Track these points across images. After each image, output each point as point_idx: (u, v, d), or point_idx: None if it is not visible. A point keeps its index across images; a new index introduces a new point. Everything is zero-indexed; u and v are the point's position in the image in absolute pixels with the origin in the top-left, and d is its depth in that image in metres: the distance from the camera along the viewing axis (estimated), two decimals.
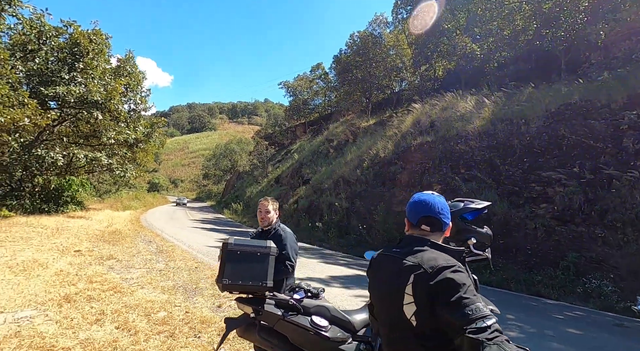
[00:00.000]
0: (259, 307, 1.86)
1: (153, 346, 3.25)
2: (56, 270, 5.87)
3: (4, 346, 3.02)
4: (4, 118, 8.05)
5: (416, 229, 1.27)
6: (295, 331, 1.83)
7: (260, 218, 2.68)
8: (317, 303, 1.95)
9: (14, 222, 10.48)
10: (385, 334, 1.22)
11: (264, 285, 1.87)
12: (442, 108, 16.30)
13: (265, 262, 1.92)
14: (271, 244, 2.00)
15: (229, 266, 1.86)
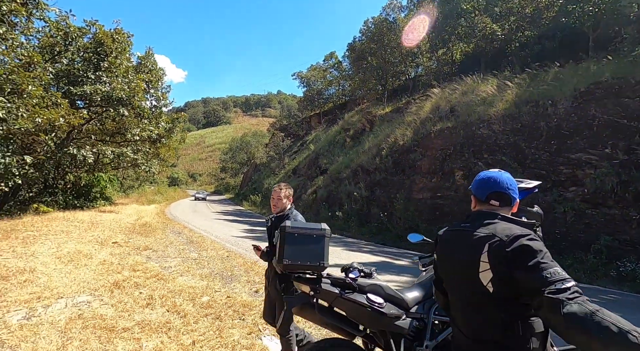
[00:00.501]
0: (317, 286, 1.97)
1: (203, 327, 3.46)
2: (100, 260, 6.23)
3: (72, 327, 3.29)
4: (41, 118, 8.49)
5: (484, 205, 1.33)
6: (352, 308, 1.94)
7: (272, 205, 2.81)
8: (371, 282, 2.04)
9: (53, 217, 11.07)
10: (461, 304, 1.28)
11: (321, 264, 1.97)
12: (462, 93, 15.92)
13: (321, 243, 2.02)
14: (326, 227, 2.10)
15: (288, 247, 1.97)
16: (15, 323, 3.36)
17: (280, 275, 2.62)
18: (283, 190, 2.80)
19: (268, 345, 3.12)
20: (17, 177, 9.32)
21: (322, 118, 40.36)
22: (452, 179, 12.63)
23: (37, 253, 6.29)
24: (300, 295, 2.05)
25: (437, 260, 1.44)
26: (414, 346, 1.98)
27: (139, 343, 3.05)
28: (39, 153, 10.17)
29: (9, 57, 8.71)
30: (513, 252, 1.09)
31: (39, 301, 3.97)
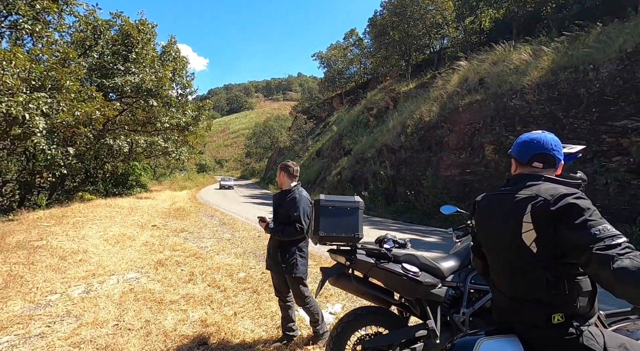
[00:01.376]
0: (352, 256, 2.03)
1: (242, 300, 3.67)
2: (142, 241, 6.67)
3: (126, 299, 3.60)
4: (80, 112, 9.01)
5: (526, 168, 1.29)
6: (388, 277, 1.99)
7: (278, 181, 2.92)
8: (405, 252, 2.08)
9: (96, 204, 11.88)
10: (503, 267, 1.28)
11: (356, 236, 2.02)
12: (492, 63, 15.05)
13: (355, 215, 2.07)
14: (359, 199, 2.13)
15: (323, 220, 2.03)
16: (77, 296, 3.72)
17: (280, 247, 2.74)
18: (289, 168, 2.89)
19: (304, 315, 3.27)
20: (62, 168, 10.03)
21: (343, 98, 39.71)
22: (482, 154, 12.18)
23: (87, 236, 6.82)
24: (335, 265, 2.12)
25: (475, 226, 1.43)
26: (451, 313, 2.01)
27: (186, 313, 3.30)
28: (80, 144, 10.84)
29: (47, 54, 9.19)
30: (559, 210, 1.07)
31: (94, 278, 4.35)
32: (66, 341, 2.73)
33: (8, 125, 8.01)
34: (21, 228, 7.30)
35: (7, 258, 4.86)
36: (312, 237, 2.18)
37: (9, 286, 3.88)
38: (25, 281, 4.06)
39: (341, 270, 2.11)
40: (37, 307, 3.42)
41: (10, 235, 6.47)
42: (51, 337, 2.79)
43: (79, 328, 2.95)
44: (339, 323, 2.07)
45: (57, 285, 4.03)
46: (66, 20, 10.85)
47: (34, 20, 9.23)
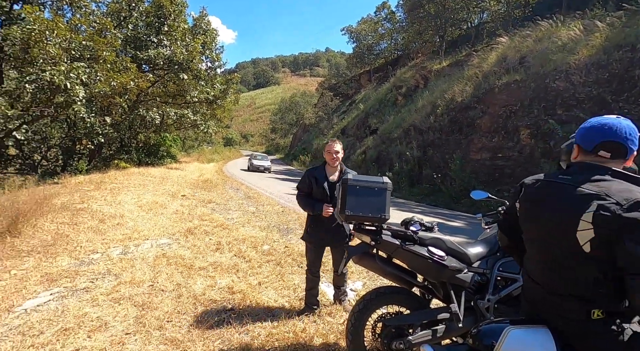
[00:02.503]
0: (377, 237, 2.03)
1: (266, 271, 3.82)
2: (173, 209, 7.01)
3: (159, 263, 3.86)
4: (116, 82, 9.34)
5: (590, 156, 1.18)
6: (412, 259, 1.99)
7: (329, 159, 2.85)
8: (432, 236, 2.06)
9: (130, 172, 12.51)
10: (544, 259, 1.22)
11: (382, 216, 2.02)
12: (535, 40, 13.95)
13: (383, 196, 2.05)
14: (387, 180, 2.11)
15: (351, 199, 2.03)
16: (116, 256, 4.02)
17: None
18: (338, 144, 2.89)
19: (326, 290, 3.37)
20: (100, 136, 10.57)
21: (372, 75, 38.49)
22: (517, 138, 11.60)
23: (122, 202, 7.26)
24: (360, 245, 2.15)
25: (520, 211, 1.33)
26: (475, 299, 2.01)
27: (214, 280, 3.49)
28: (115, 114, 11.32)
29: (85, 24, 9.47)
30: (632, 220, 0.96)
31: (130, 241, 4.67)
32: (107, 296, 2.99)
33: (52, 93, 8.45)
34: (65, 191, 7.86)
35: (54, 218, 5.28)
36: (338, 215, 2.20)
37: (57, 244, 4.25)
38: (70, 240, 4.42)
39: (365, 249, 2.13)
40: (81, 264, 3.74)
41: (56, 197, 6.98)
42: (94, 292, 3.06)
43: (118, 285, 3.21)
44: (361, 300, 2.11)
45: (98, 245, 4.36)
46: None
47: None
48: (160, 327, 2.56)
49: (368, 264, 2.23)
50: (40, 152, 14.67)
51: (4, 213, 4.42)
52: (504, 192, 11.16)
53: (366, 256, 2.17)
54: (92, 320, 2.59)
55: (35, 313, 2.65)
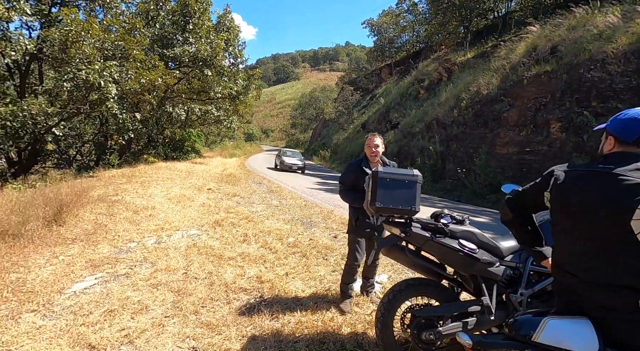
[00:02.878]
0: (407, 229, 2.06)
1: (292, 263, 3.92)
2: (200, 202, 7.27)
3: (190, 252, 4.04)
4: (145, 79, 9.72)
5: (631, 147, 1.19)
6: (443, 252, 2.00)
7: (369, 153, 2.86)
8: (463, 228, 2.06)
9: (158, 166, 13.00)
10: (586, 248, 1.21)
11: (412, 209, 2.04)
12: (569, 28, 13.26)
13: (414, 188, 2.07)
14: (417, 173, 2.13)
15: (381, 191, 2.06)
16: (150, 245, 4.24)
17: None
18: (379, 138, 2.93)
19: None
20: (130, 132, 11.06)
21: (393, 69, 37.83)
22: (547, 132, 11.15)
23: (153, 194, 7.58)
24: (389, 237, 2.18)
25: (553, 200, 1.32)
26: (507, 293, 2.00)
27: (243, 269, 3.62)
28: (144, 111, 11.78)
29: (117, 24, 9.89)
30: None
31: (163, 231, 4.90)
32: (146, 282, 3.17)
33: (87, 91, 8.91)
34: (100, 184, 8.30)
35: (92, 209, 5.61)
36: (367, 208, 2.23)
37: (97, 232, 4.53)
38: (108, 229, 4.70)
39: (395, 241, 2.16)
40: (120, 252, 3.98)
41: (92, 189, 7.38)
42: (134, 277, 3.26)
43: (155, 272, 3.40)
44: (391, 291, 2.15)
45: (134, 235, 4.61)
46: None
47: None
48: (196, 312, 2.71)
49: (397, 256, 2.26)
50: (75, 147, 15.50)
51: (50, 204, 4.75)
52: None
53: (395, 248, 2.21)
54: (134, 303, 2.77)
55: (83, 295, 2.86)
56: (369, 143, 2.91)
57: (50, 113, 9.31)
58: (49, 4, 9.98)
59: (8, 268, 3.18)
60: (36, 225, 4.13)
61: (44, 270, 3.26)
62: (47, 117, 9.37)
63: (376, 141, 2.89)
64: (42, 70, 11.53)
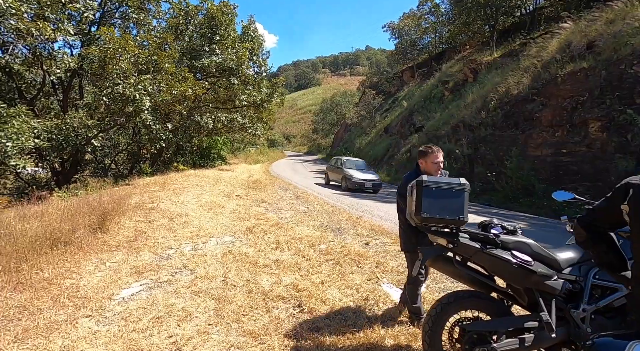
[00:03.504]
0: (455, 239, 2.00)
1: (327, 270, 3.91)
2: (230, 209, 7.42)
3: (226, 260, 4.13)
4: (176, 91, 10.15)
5: None
6: (494, 263, 1.92)
7: (435, 170, 2.72)
8: (516, 239, 1.98)
9: (188, 173, 13.44)
10: None
11: (460, 219, 1.98)
12: (606, 22, 12.58)
13: (461, 198, 2.01)
14: (465, 182, 2.06)
15: (426, 201, 2.02)
16: (188, 253, 4.37)
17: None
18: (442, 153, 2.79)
19: (388, 291, 3.37)
20: (162, 141, 11.53)
21: (415, 71, 37.31)
22: (585, 132, 10.59)
23: (185, 201, 7.83)
24: (435, 247, 2.12)
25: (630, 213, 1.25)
26: (568, 308, 1.89)
27: (279, 277, 3.65)
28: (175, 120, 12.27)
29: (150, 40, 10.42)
30: None
31: (198, 238, 5.04)
32: (188, 289, 3.27)
33: (123, 104, 9.39)
34: (136, 192, 8.68)
35: (131, 216, 5.87)
36: (412, 218, 2.19)
37: (138, 240, 4.73)
38: (148, 237, 4.89)
39: (440, 251, 2.11)
40: (160, 258, 4.12)
41: (129, 197, 7.73)
42: (176, 285, 3.36)
43: (195, 279, 3.49)
44: (438, 303, 2.09)
45: (171, 242, 4.77)
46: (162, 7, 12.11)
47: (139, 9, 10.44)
48: (238, 320, 2.75)
49: (442, 267, 2.20)
50: (110, 157, 16.34)
51: (94, 212, 5.01)
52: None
53: (441, 259, 2.15)
54: (179, 310, 2.85)
55: (131, 302, 2.99)
56: (435, 159, 2.73)
57: (90, 126, 9.90)
58: (88, 24, 10.65)
59: (63, 275, 3.38)
60: (84, 232, 4.37)
61: (94, 277, 3.44)
62: (87, 129, 9.96)
63: (441, 157, 2.77)
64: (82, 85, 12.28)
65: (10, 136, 6.92)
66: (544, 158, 11.53)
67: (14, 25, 7.80)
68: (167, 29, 13.30)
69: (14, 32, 8.08)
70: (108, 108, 9.87)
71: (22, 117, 7.63)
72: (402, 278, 3.71)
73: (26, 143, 7.22)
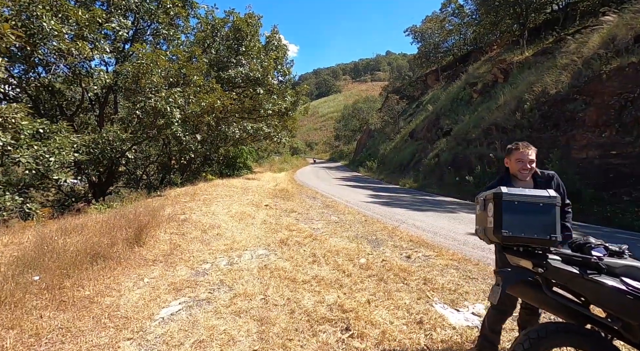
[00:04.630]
0: (544, 262, 1.70)
1: (371, 287, 3.63)
2: (261, 219, 7.31)
3: (263, 275, 3.95)
4: (205, 102, 10.32)
5: None
6: (599, 292, 1.61)
7: (519, 169, 2.25)
8: (625, 263, 1.65)
9: (216, 183, 13.58)
10: None
11: (553, 238, 1.68)
12: None
13: (552, 213, 1.72)
14: (554, 194, 1.76)
15: (508, 217, 1.74)
16: (224, 267, 4.23)
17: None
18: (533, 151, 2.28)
19: (443, 313, 3.05)
20: (191, 152, 11.73)
21: (439, 74, 36.53)
22: (637, 132, 9.74)
23: (215, 212, 7.80)
24: (518, 270, 1.83)
25: None
26: None
27: (321, 295, 3.42)
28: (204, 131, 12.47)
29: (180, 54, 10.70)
30: None
31: (232, 251, 4.91)
32: (228, 308, 3.10)
33: (154, 117, 9.62)
34: (168, 203, 8.78)
35: (166, 229, 5.86)
36: (486, 236, 1.91)
37: (173, 253, 4.66)
38: (183, 250, 4.82)
39: (525, 276, 1.80)
40: (197, 274, 4.01)
41: (162, 209, 7.80)
42: (215, 303, 3.21)
43: (235, 297, 3.33)
44: (526, 338, 1.78)
45: (206, 256, 4.67)
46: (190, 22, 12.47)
47: (169, 25, 10.78)
48: (284, 346, 2.54)
49: (525, 292, 1.89)
50: (142, 168, 16.87)
51: (132, 225, 5.02)
52: (622, 195, 9.46)
53: (524, 284, 1.84)
54: (220, 333, 2.68)
55: (171, 323, 2.85)
56: (521, 157, 2.24)
57: (124, 139, 10.20)
58: (122, 42, 11.09)
59: (103, 292, 3.32)
60: (122, 246, 4.35)
61: (133, 294, 3.35)
62: (122, 142, 10.27)
63: (531, 155, 2.24)
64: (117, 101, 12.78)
65: (52, 151, 7.19)
66: (590, 160, 10.71)
67: (56, 46, 8.19)
68: (195, 43, 13.67)
69: (56, 53, 8.49)
70: (141, 122, 10.14)
71: (63, 132, 7.94)
72: (455, 298, 3.37)
73: (67, 157, 7.48)
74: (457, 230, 6.81)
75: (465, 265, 4.40)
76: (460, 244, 5.69)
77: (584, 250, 1.72)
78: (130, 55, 11.21)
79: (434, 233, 6.53)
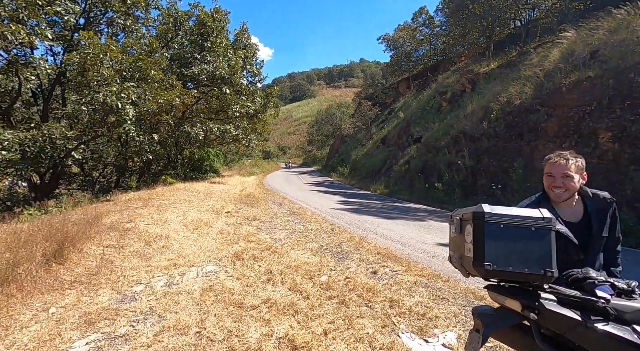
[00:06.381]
0: (537, 304, 1.30)
1: (330, 313, 3.15)
2: (218, 229, 6.65)
3: (206, 299, 3.35)
4: (163, 99, 9.48)
5: None
6: (607, 345, 1.22)
7: (549, 186, 1.72)
8: (636, 305, 1.27)
9: (176, 187, 12.63)
10: None
11: (547, 273, 1.27)
12: (609, 31, 12.33)
13: (545, 239, 1.31)
14: (549, 214, 1.36)
15: (491, 244, 1.32)
16: (160, 289, 3.59)
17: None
18: (572, 162, 1.66)
19: (411, 346, 2.62)
20: (148, 153, 10.78)
21: (411, 82, 37.31)
22: (595, 143, 10.07)
23: (168, 220, 7.04)
24: (504, 313, 1.41)
25: None
26: None
27: (270, 325, 2.89)
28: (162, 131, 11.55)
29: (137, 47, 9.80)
30: None
31: (175, 269, 4.26)
32: (148, 348, 2.49)
33: (105, 114, 8.67)
34: (115, 209, 7.87)
35: (102, 240, 5.07)
36: (462, 267, 1.48)
37: (100, 272, 3.93)
38: (114, 268, 4.10)
39: (513, 321, 1.39)
40: (123, 300, 3.33)
41: (106, 215, 6.93)
42: (134, 342, 2.58)
43: (161, 332, 2.71)
44: None
45: (142, 274, 3.99)
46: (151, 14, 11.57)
47: (126, 15, 9.87)
48: None
49: (513, 339, 1.48)
50: (98, 170, 15.48)
51: (54, 237, 4.22)
52: None
53: (511, 330, 1.44)
54: None
55: None
56: (551, 170, 1.71)
57: (69, 137, 9.13)
58: (71, 30, 10.02)
59: None
60: (31, 265, 3.57)
61: (25, 333, 2.64)
62: (67, 140, 9.19)
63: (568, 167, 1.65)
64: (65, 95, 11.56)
65: None
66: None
67: None
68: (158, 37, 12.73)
69: None
70: (90, 119, 9.13)
71: None
72: (424, 325, 2.97)
73: None
74: (426, 241, 6.53)
75: (435, 281, 4.04)
76: (430, 257, 5.38)
77: (584, 287, 1.34)
78: (79, 44, 10.14)
79: (402, 244, 6.20)
